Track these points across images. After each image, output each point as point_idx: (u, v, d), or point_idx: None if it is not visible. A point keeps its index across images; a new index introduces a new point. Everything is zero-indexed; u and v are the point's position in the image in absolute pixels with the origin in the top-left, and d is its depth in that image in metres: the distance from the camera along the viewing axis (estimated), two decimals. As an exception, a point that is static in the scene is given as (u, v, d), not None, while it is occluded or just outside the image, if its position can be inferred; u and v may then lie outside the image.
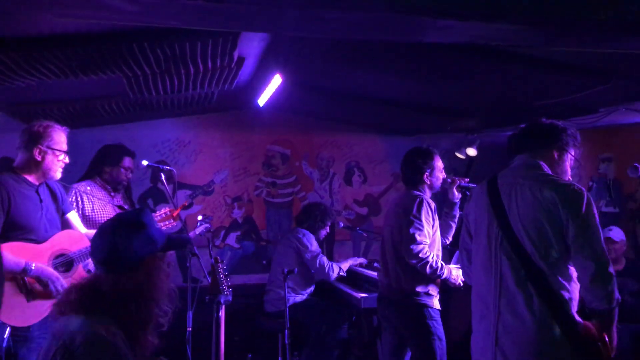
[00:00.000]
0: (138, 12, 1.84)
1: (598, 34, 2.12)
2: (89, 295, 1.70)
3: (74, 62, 3.01)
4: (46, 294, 2.86)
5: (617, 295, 2.36)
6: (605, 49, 2.45)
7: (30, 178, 3.01)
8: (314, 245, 4.82)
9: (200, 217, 4.87)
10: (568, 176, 2.70)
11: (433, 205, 3.45)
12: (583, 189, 2.46)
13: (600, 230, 2.42)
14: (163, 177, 3.95)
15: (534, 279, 2.44)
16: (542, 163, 2.62)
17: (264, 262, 5.88)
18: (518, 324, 2.46)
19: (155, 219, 3.46)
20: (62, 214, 3.24)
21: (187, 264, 3.96)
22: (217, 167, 6.00)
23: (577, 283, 2.46)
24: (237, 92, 4.78)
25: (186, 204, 3.95)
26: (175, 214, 3.59)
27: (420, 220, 3.32)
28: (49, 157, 3.00)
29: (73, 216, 3.33)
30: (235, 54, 3.42)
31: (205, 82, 3.99)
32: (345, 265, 4.99)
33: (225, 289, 2.96)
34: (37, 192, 3.03)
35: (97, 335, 1.60)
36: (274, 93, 4.42)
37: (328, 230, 5.19)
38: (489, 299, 2.59)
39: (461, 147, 5.66)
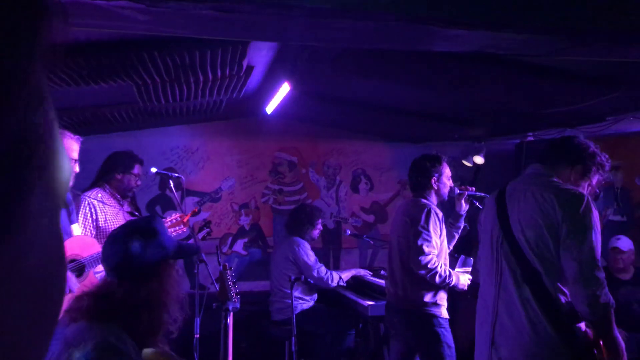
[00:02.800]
0: (149, 21, 1.86)
1: (606, 44, 2.12)
2: (100, 302, 1.70)
3: (85, 71, 3.04)
4: None
5: (604, 299, 2.33)
6: (614, 58, 2.45)
7: None
8: (310, 255, 4.76)
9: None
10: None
11: (441, 214, 3.44)
12: (585, 194, 2.46)
13: (597, 238, 2.40)
14: (171, 184, 3.97)
15: (530, 280, 2.46)
16: (553, 175, 2.62)
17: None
18: (514, 327, 2.49)
19: (166, 224, 3.46)
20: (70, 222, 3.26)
21: (195, 271, 3.97)
22: (225, 174, 6.03)
23: None
24: (246, 100, 4.81)
25: (196, 210, 3.97)
26: (185, 220, 3.60)
27: (428, 230, 3.31)
28: None
29: (75, 228, 3.32)
30: (245, 63, 3.44)
31: (214, 90, 4.02)
32: (346, 275, 4.95)
33: (233, 296, 2.96)
34: None
35: (108, 342, 1.61)
36: (282, 101, 4.44)
37: (321, 228, 5.11)
38: (489, 302, 2.64)
39: (468, 155, 5.66)
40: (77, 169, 3.11)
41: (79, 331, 1.67)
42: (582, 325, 2.47)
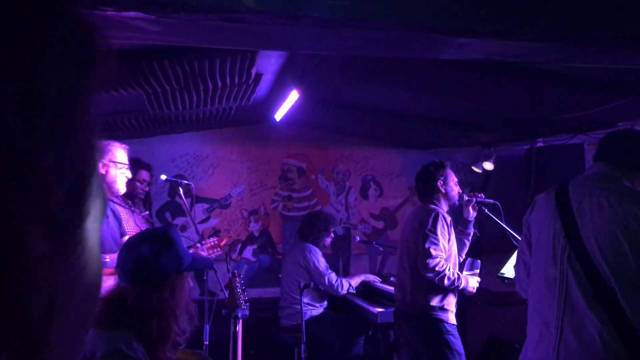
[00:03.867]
0: (160, 32, 1.88)
1: (616, 50, 2.12)
2: (112, 307, 1.72)
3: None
4: None
5: None
6: (622, 65, 2.44)
7: None
8: (321, 262, 4.77)
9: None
10: None
11: (449, 219, 3.45)
12: None
13: None
14: (181, 191, 4.00)
15: (605, 301, 2.15)
16: (623, 177, 2.32)
17: (280, 275, 5.89)
18: (584, 349, 2.17)
19: (205, 246, 3.59)
20: (121, 235, 3.37)
21: (204, 277, 3.99)
22: (234, 180, 6.05)
23: None
24: (255, 107, 4.83)
25: (231, 236, 4.06)
26: (222, 244, 3.70)
27: (435, 234, 3.32)
28: (112, 171, 3.15)
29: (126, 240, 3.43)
30: (253, 71, 3.47)
31: (223, 98, 4.05)
32: (355, 282, 4.95)
33: (242, 303, 2.97)
34: None
35: (118, 349, 1.62)
36: (290, 108, 4.46)
37: (333, 236, 5.12)
38: (550, 318, 2.30)
39: (478, 161, 5.66)
40: (129, 174, 3.25)
41: (89, 338, 1.68)
42: None
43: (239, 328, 2.95)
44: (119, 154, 3.18)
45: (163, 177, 4.06)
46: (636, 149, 2.37)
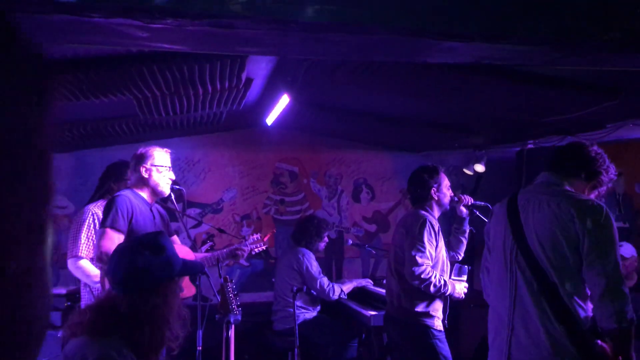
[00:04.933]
0: (148, 38, 1.87)
1: (604, 53, 2.13)
2: (104, 315, 1.71)
3: (85, 85, 3.06)
4: None
5: (630, 315, 2.25)
6: (609, 67, 2.46)
7: (145, 195, 3.26)
8: (314, 266, 4.76)
9: (204, 237, 4.89)
10: None
11: (437, 226, 3.43)
12: (603, 204, 2.38)
13: (617, 248, 2.34)
14: (173, 196, 3.97)
15: (548, 294, 2.38)
16: (565, 183, 2.55)
17: (273, 279, 5.88)
18: (531, 341, 2.40)
19: (248, 242, 3.68)
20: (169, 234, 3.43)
21: (197, 283, 3.97)
22: (226, 185, 6.04)
23: None
24: (246, 111, 4.83)
25: (274, 231, 4.11)
26: (265, 239, 3.76)
27: (422, 241, 3.30)
28: (155, 174, 3.22)
29: (175, 239, 3.58)
30: (243, 76, 3.46)
31: (214, 102, 4.04)
32: (347, 287, 4.94)
33: (234, 308, 2.97)
34: (150, 210, 3.27)
35: (109, 356, 1.61)
36: (281, 112, 4.46)
37: (327, 241, 5.13)
38: (504, 315, 2.53)
39: (469, 164, 5.67)
40: (172, 175, 3.33)
41: (80, 346, 1.67)
42: (599, 340, 2.38)
43: (232, 333, 2.94)
44: (161, 156, 3.25)
45: (154, 182, 4.03)
46: (574, 159, 2.59)
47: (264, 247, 3.78)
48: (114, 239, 2.92)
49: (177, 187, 4.08)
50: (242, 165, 6.10)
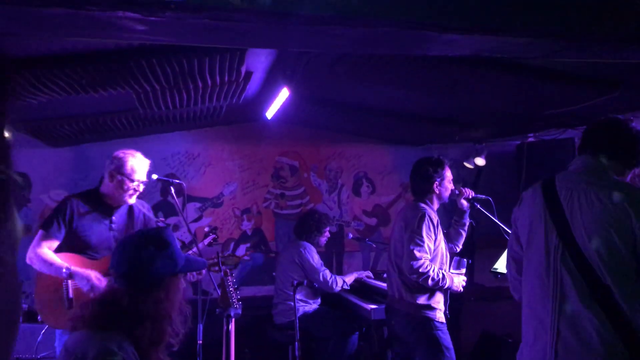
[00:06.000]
0: (147, 31, 1.86)
1: (604, 46, 2.12)
2: (105, 309, 1.71)
3: (84, 80, 3.06)
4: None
5: None
6: (609, 59, 2.45)
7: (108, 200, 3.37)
8: (316, 259, 4.80)
9: (206, 229, 4.89)
10: None
11: (436, 219, 3.44)
12: None
13: None
14: (173, 190, 3.97)
15: (601, 298, 2.14)
16: (608, 169, 2.30)
17: (274, 273, 5.89)
18: (583, 347, 2.15)
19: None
20: None
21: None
22: (226, 179, 6.04)
23: None
24: (246, 105, 4.82)
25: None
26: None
27: (420, 235, 3.31)
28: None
29: None
30: (243, 69, 3.45)
31: (213, 96, 4.03)
32: (349, 279, 4.97)
33: (235, 302, 2.97)
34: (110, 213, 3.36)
35: (109, 350, 1.61)
36: (281, 106, 4.45)
37: (328, 235, 5.15)
38: (546, 317, 2.28)
39: (469, 157, 5.68)
40: (137, 188, 3.40)
41: (81, 339, 1.68)
42: None
43: (232, 327, 2.94)
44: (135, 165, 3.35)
45: (154, 176, 4.02)
46: (621, 139, 2.33)
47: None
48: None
49: (177, 181, 4.08)
50: (243, 159, 6.09)
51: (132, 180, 3.31)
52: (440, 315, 3.41)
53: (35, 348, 4.28)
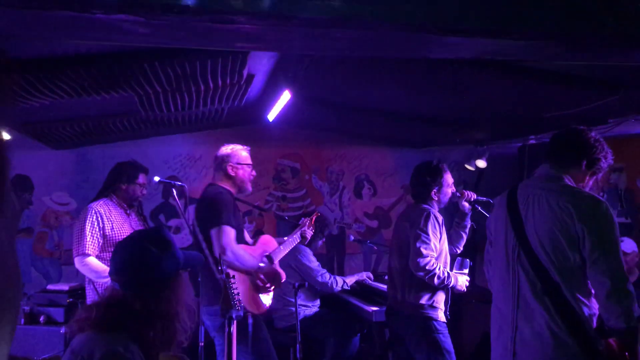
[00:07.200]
0: (149, 34, 1.87)
1: (605, 48, 2.13)
2: (111, 311, 1.71)
3: (86, 82, 3.07)
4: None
5: (637, 313, 2.24)
6: (610, 62, 2.46)
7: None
8: (313, 261, 4.77)
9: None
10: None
11: (440, 218, 3.46)
12: (603, 199, 2.35)
13: (619, 245, 2.32)
14: (174, 192, 3.97)
15: (551, 293, 2.35)
16: (564, 176, 2.49)
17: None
18: (535, 339, 2.38)
19: (304, 226, 4.00)
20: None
21: (199, 279, 3.97)
22: (228, 181, 6.03)
23: None
24: (247, 107, 4.83)
25: (318, 214, 4.34)
26: (312, 221, 4.07)
27: (427, 233, 3.33)
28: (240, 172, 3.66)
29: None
30: (245, 72, 3.46)
31: (215, 99, 4.04)
32: (350, 280, 4.95)
33: (236, 304, 2.97)
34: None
35: (115, 352, 1.61)
36: (283, 108, 4.46)
37: (324, 240, 5.13)
38: (507, 313, 2.51)
39: (471, 159, 5.67)
40: (254, 173, 3.68)
41: (86, 341, 1.68)
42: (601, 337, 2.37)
43: (234, 329, 2.94)
44: (245, 156, 3.58)
45: (156, 178, 4.03)
46: (571, 148, 2.52)
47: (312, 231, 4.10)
48: (231, 235, 3.29)
49: (179, 183, 4.08)
50: (244, 162, 6.10)
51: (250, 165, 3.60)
52: (441, 315, 3.42)
53: (36, 350, 4.29)
